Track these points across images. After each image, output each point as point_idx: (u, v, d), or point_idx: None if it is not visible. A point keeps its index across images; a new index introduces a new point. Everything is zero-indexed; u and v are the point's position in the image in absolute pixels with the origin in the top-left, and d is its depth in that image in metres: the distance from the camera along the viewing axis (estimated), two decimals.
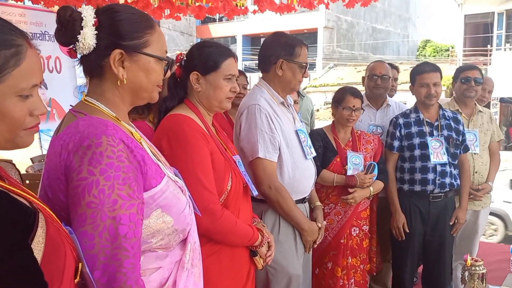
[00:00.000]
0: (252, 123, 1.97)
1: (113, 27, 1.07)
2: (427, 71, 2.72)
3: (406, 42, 28.01)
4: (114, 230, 0.91)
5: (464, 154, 2.86)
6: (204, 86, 1.63)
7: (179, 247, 1.15)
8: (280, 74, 2.07)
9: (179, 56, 1.67)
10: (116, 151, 0.95)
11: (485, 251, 4.31)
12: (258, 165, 1.97)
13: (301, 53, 2.08)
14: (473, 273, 1.95)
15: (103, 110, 1.07)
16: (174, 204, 1.08)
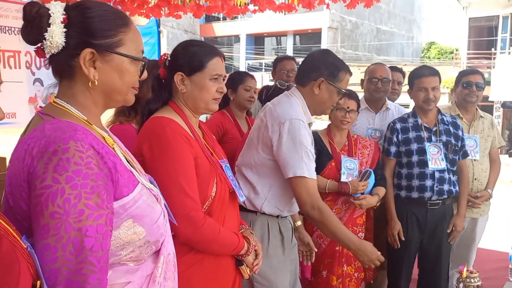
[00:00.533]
0: (296, 139, 1.86)
1: (83, 24, 1.00)
2: (426, 75, 2.65)
3: (410, 43, 27.89)
4: (79, 242, 0.85)
5: (463, 160, 2.79)
6: (189, 87, 1.56)
7: (151, 259, 1.08)
8: (316, 93, 1.98)
9: (163, 56, 1.61)
10: (85, 157, 0.89)
11: (483, 258, 4.25)
12: (301, 184, 1.86)
13: (344, 79, 2.01)
14: (468, 285, 1.90)
15: (73, 113, 1.00)
16: (147, 214, 1.02)
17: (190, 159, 1.46)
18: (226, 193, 1.60)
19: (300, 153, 1.85)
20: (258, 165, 1.97)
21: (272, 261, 1.99)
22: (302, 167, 1.85)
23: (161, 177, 1.39)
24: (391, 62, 23.47)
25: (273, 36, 25.45)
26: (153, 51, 6.36)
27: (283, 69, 3.51)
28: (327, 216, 1.87)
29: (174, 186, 1.40)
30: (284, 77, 3.44)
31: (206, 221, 1.45)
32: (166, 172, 1.41)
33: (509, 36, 18.60)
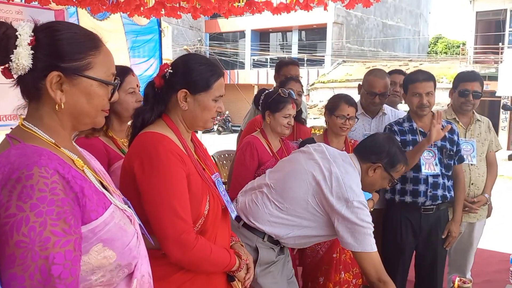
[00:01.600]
0: (365, 219, 1.90)
1: (51, 47, 0.98)
2: (420, 80, 2.61)
3: (417, 38, 27.65)
4: (46, 271, 0.83)
5: (458, 165, 2.75)
6: (191, 105, 1.53)
7: (124, 282, 1.06)
8: (370, 175, 2.06)
9: (164, 68, 1.56)
10: (50, 183, 0.87)
11: (485, 260, 4.22)
12: (369, 259, 1.91)
13: (400, 171, 2.10)
14: None
15: (40, 136, 0.99)
16: (119, 237, 1.01)
17: (182, 179, 1.44)
18: (219, 210, 1.58)
19: (368, 231, 1.90)
20: (302, 208, 1.98)
21: (276, 277, 2.06)
22: (370, 243, 1.90)
23: (152, 197, 1.38)
24: (397, 57, 23.30)
25: (278, 32, 25.37)
26: (155, 50, 6.37)
27: (287, 74, 3.34)
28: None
29: (165, 207, 1.37)
30: None
31: (197, 243, 1.43)
32: (158, 193, 1.38)
33: None
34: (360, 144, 2.18)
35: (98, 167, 1.14)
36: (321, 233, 2.01)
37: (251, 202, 2.07)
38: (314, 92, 20.61)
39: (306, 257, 2.60)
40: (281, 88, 2.56)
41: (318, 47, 23.64)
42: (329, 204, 1.91)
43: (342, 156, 2.07)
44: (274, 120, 2.46)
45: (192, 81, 1.51)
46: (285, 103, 2.45)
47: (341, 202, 1.90)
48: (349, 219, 1.87)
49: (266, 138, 2.50)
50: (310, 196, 1.95)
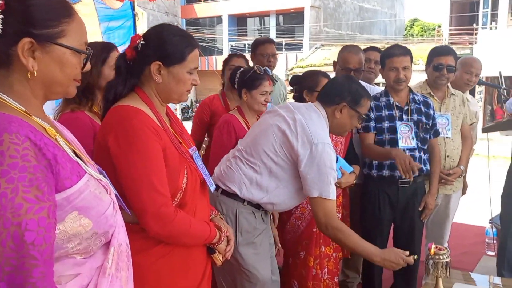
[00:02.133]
0: (327, 162, 1.92)
1: (23, 12, 0.95)
2: (397, 55, 2.64)
3: (393, 21, 27.84)
4: (19, 237, 0.83)
5: (434, 139, 2.80)
6: (166, 78, 1.49)
7: (101, 251, 1.06)
8: (337, 117, 2.07)
9: (136, 39, 1.50)
10: (21, 149, 0.86)
11: (461, 233, 4.34)
12: (321, 205, 1.94)
13: (365, 105, 2.10)
14: (437, 262, 1.91)
15: (10, 104, 0.96)
16: (94, 205, 1.00)
17: (159, 152, 1.41)
18: (197, 183, 1.57)
19: (329, 177, 1.93)
20: (272, 162, 2.00)
21: (258, 249, 2.07)
22: (329, 190, 1.93)
23: (129, 171, 1.36)
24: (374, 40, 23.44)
25: (255, 17, 25.18)
26: (129, 34, 6.22)
27: (264, 53, 3.36)
28: (342, 234, 1.95)
29: (142, 180, 1.36)
30: (264, 62, 3.29)
31: (176, 216, 1.42)
32: (134, 166, 1.36)
33: (491, 11, 18.65)
34: (321, 91, 2.18)
35: (70, 137, 1.12)
36: (292, 190, 2.03)
37: (226, 168, 2.09)
38: None
39: (287, 233, 2.61)
40: (257, 65, 2.53)
41: (296, 32, 23.58)
42: (295, 151, 1.94)
43: (306, 105, 2.10)
44: (251, 97, 2.45)
45: (165, 53, 1.47)
46: (261, 80, 2.43)
47: (306, 146, 1.92)
48: (313, 162, 1.90)
49: (244, 116, 2.49)
50: (278, 146, 1.97)
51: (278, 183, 2.01)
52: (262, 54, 3.36)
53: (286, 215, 2.58)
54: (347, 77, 2.20)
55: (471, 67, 3.21)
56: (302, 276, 2.53)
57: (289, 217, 2.57)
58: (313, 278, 2.51)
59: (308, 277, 2.51)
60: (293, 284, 2.57)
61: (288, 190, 2.03)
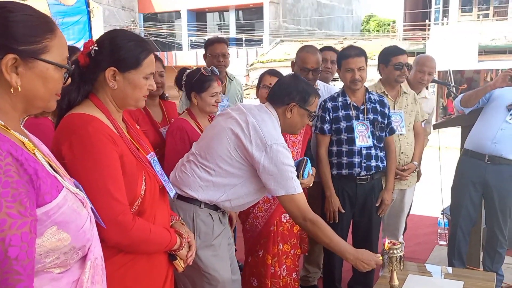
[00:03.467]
0: (284, 161, 1.95)
1: (6, 28, 0.96)
2: (352, 56, 2.72)
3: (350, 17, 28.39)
4: (3, 253, 0.84)
5: (390, 137, 2.91)
6: (121, 84, 1.47)
7: (78, 265, 1.06)
8: (288, 116, 2.10)
9: (88, 45, 1.48)
10: (3, 165, 0.87)
11: (416, 224, 4.52)
12: (292, 201, 1.98)
13: (313, 103, 2.14)
14: (391, 256, 1.99)
15: None
16: (72, 220, 1.00)
17: (115, 160, 1.40)
18: (156, 190, 1.56)
19: (290, 173, 1.97)
20: (228, 165, 2.01)
21: (217, 251, 2.08)
22: (293, 185, 1.97)
23: (85, 180, 1.32)
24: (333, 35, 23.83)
25: (215, 12, 25.00)
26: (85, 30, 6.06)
27: (214, 53, 3.33)
28: (319, 227, 1.99)
29: (99, 189, 1.34)
30: (215, 62, 3.27)
31: (135, 223, 1.41)
32: (91, 175, 1.34)
33: (442, 8, 19.38)
34: (270, 92, 2.22)
35: (45, 151, 1.12)
36: (251, 188, 2.05)
37: (180, 172, 2.09)
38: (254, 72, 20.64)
39: (246, 232, 2.65)
40: (203, 67, 2.50)
41: (256, 27, 23.61)
42: (250, 154, 1.96)
43: (258, 107, 2.13)
44: (201, 100, 2.41)
45: (120, 59, 1.45)
46: (209, 81, 2.40)
47: (261, 148, 1.95)
48: (270, 163, 1.94)
49: (195, 119, 2.45)
50: (232, 150, 1.99)
51: (236, 182, 2.03)
52: (212, 55, 3.34)
53: (244, 214, 2.62)
54: (294, 77, 2.25)
55: (424, 65, 3.34)
56: (261, 274, 2.57)
57: (247, 217, 2.61)
58: (272, 276, 2.56)
59: (266, 275, 2.55)
60: (253, 282, 2.61)
61: (246, 188, 2.06)
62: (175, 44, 24.35)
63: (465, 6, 19.31)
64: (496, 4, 19.06)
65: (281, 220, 2.63)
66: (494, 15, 18.94)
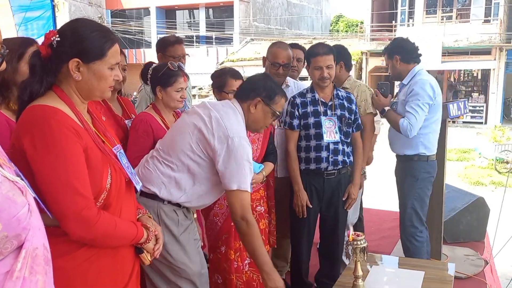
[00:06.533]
0: (244, 155, 1.95)
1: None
2: (320, 54, 2.75)
3: (320, 17, 28.75)
4: None
5: (357, 133, 2.96)
6: (86, 75, 1.44)
7: (14, 254, 1.02)
8: (252, 112, 2.09)
9: (50, 36, 1.43)
10: None
11: (380, 219, 4.63)
12: (239, 197, 1.96)
13: (279, 103, 2.13)
14: (355, 247, 2.04)
15: None
16: (5, 208, 0.97)
17: (79, 153, 1.37)
18: (122, 183, 1.54)
19: (247, 169, 1.96)
20: (189, 159, 2.00)
21: (184, 245, 2.07)
22: (247, 182, 1.96)
23: (47, 174, 1.31)
24: (302, 35, 24.07)
25: (185, 9, 24.79)
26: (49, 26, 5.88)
27: (175, 55, 3.17)
28: (252, 230, 1.98)
29: (62, 184, 1.31)
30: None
31: (100, 218, 1.39)
32: (53, 170, 1.31)
33: (408, 9, 19.88)
34: (238, 88, 2.24)
35: None
36: (208, 185, 2.06)
37: (143, 168, 2.07)
38: None
39: (207, 230, 2.64)
40: (170, 62, 2.47)
41: (226, 25, 23.57)
42: (211, 147, 1.96)
43: (223, 102, 2.14)
44: (166, 95, 2.38)
45: (84, 49, 1.42)
46: (176, 76, 2.37)
47: (223, 141, 1.95)
48: (230, 157, 1.94)
49: (160, 113, 2.41)
50: (194, 144, 1.99)
51: (195, 180, 2.03)
52: (173, 56, 3.17)
53: (205, 212, 2.61)
54: (264, 75, 2.27)
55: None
56: (225, 270, 2.57)
57: (208, 214, 2.60)
58: (236, 271, 2.55)
59: (230, 271, 2.55)
60: (217, 279, 2.61)
61: (205, 186, 2.06)
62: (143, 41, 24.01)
63: (429, 8, 19.88)
64: (459, 6, 19.70)
65: None
66: (457, 17, 19.59)
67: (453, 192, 4.30)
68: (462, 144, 13.47)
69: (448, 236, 3.90)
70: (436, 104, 3.01)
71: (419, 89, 2.93)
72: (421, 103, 2.92)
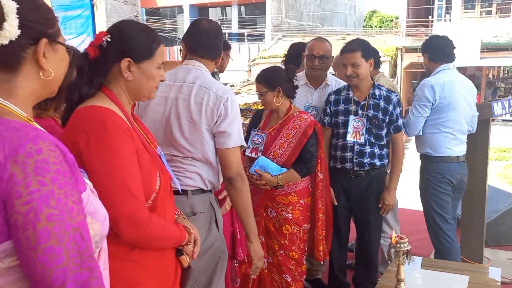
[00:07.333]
0: (237, 112, 1.93)
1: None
2: (344, 52, 2.71)
3: (353, 12, 28.31)
4: (79, 237, 0.88)
5: (396, 134, 2.82)
6: (136, 74, 1.45)
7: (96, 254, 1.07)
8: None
9: (101, 36, 1.45)
10: (57, 156, 0.88)
11: (418, 219, 4.51)
12: (235, 152, 1.90)
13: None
14: (399, 250, 1.99)
15: (12, 110, 0.93)
16: (99, 209, 1.02)
17: (133, 155, 1.37)
18: (168, 185, 1.54)
19: (240, 124, 1.94)
20: (207, 144, 1.92)
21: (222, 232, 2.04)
22: (242, 137, 1.93)
23: (103, 175, 1.30)
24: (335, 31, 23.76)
25: (217, 7, 24.95)
26: (87, 25, 6.03)
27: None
28: (246, 186, 1.94)
29: (118, 186, 1.31)
30: None
31: (152, 220, 1.39)
32: (109, 171, 1.31)
33: (445, 4, 19.32)
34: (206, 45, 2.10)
35: None
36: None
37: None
38: (256, 67, 20.61)
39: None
40: None
41: (258, 22, 23.55)
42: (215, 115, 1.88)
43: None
44: None
45: (134, 49, 1.45)
46: None
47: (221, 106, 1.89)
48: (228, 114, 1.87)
49: None
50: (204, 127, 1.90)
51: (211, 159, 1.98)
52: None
53: None
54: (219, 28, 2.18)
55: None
56: None
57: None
58: None
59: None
60: None
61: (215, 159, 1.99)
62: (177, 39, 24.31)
63: (467, 3, 19.26)
64: (499, 1, 19.00)
65: (268, 214, 2.62)
66: (497, 12, 18.90)
67: (494, 193, 4.16)
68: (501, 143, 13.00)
69: (489, 238, 3.78)
70: (442, 105, 2.89)
71: (418, 90, 2.95)
72: (417, 104, 2.92)
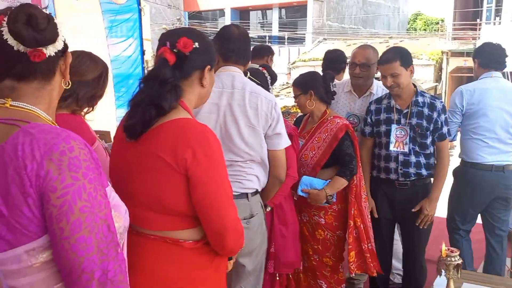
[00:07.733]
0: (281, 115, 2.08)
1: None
2: (381, 63, 2.63)
3: (396, 15, 27.72)
4: (107, 228, 0.96)
5: (441, 142, 2.70)
6: (208, 81, 1.45)
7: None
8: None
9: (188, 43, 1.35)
10: (86, 153, 0.96)
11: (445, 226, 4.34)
12: (284, 153, 2.10)
13: None
14: (449, 264, 1.93)
15: (40, 115, 1.04)
16: (120, 203, 1.10)
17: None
18: None
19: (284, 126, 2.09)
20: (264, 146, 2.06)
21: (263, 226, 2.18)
22: (288, 139, 2.11)
23: (212, 188, 1.30)
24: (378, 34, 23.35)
25: (258, 10, 25.08)
26: (134, 29, 6.22)
27: None
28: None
29: (227, 197, 1.34)
30: None
31: (243, 228, 1.42)
32: (219, 184, 1.32)
33: (495, 7, 18.59)
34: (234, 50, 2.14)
35: None
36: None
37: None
38: (296, 70, 20.55)
39: None
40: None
41: (298, 25, 23.50)
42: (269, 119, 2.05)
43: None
44: None
45: (213, 56, 1.48)
46: None
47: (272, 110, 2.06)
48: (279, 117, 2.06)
49: None
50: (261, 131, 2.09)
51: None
52: None
53: None
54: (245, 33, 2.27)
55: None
56: None
57: None
58: None
59: None
60: None
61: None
62: None
63: None
64: None
65: (302, 219, 2.64)
66: None
67: None
68: None
69: None
70: (471, 111, 2.96)
71: (451, 96, 3.09)
72: (449, 110, 2.99)
